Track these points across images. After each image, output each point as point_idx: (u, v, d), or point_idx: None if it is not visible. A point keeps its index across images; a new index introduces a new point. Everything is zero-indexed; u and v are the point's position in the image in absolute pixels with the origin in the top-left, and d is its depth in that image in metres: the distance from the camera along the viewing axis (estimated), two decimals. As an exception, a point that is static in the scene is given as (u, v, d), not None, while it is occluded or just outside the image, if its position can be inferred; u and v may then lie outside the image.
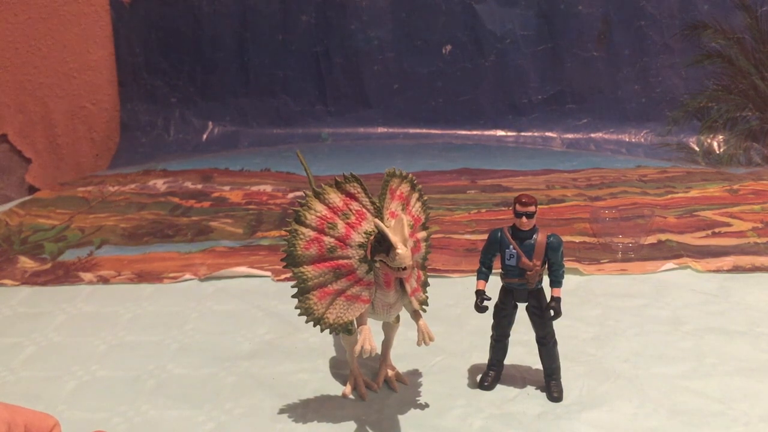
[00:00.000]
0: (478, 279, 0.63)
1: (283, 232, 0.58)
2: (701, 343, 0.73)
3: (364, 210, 0.57)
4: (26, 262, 0.99)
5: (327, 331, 0.58)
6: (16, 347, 0.76)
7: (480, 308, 0.62)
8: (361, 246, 0.56)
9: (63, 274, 0.95)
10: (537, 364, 0.66)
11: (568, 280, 0.66)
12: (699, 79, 1.54)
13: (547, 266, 0.62)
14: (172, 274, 0.93)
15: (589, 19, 1.55)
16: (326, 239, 0.56)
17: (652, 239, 0.99)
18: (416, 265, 0.60)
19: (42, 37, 1.61)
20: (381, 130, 1.62)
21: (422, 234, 0.61)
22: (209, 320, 0.82)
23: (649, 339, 0.74)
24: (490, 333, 0.66)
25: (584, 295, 0.85)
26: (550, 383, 0.65)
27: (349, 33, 1.60)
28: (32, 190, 1.61)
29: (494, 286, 0.64)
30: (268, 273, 0.92)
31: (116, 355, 0.75)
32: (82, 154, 1.68)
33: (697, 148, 1.51)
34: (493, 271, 0.63)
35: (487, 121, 1.60)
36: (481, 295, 0.62)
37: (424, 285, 0.62)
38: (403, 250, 0.52)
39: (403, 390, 0.67)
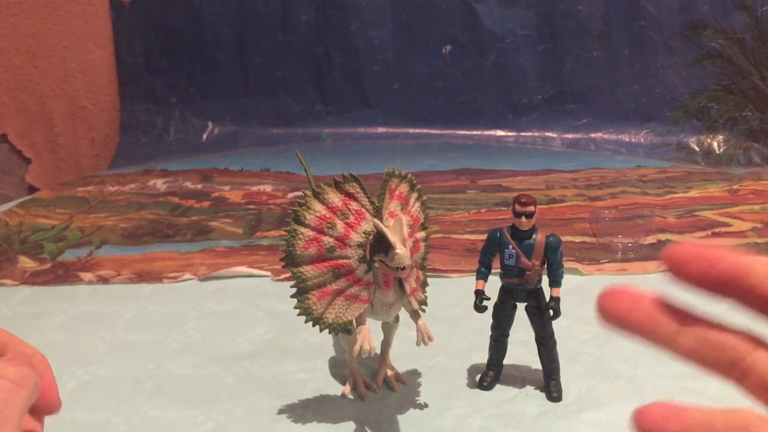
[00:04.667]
0: (477, 279, 0.63)
1: (283, 232, 0.58)
2: (701, 343, 0.73)
3: (363, 210, 0.57)
4: (26, 262, 0.99)
5: (326, 331, 0.58)
6: (15, 347, 0.76)
7: (479, 308, 0.62)
8: (360, 246, 0.56)
9: (63, 274, 0.95)
10: (536, 364, 0.66)
11: (568, 280, 0.66)
12: (699, 79, 1.54)
13: (546, 266, 0.62)
14: (171, 274, 0.93)
15: (589, 19, 1.55)
16: (325, 239, 0.56)
17: (652, 239, 0.99)
18: (415, 265, 0.60)
19: (42, 37, 1.61)
20: (381, 130, 1.62)
21: (421, 234, 0.61)
22: (209, 320, 0.82)
23: (648, 339, 0.74)
24: (490, 333, 0.66)
25: (584, 295, 0.85)
26: (550, 383, 0.65)
27: (349, 33, 1.60)
28: (32, 190, 1.61)
29: (494, 285, 0.64)
30: (268, 273, 0.92)
31: (116, 355, 0.75)
32: (82, 154, 1.68)
33: (697, 148, 1.51)
34: (493, 270, 0.63)
35: (487, 121, 1.60)
36: (480, 294, 0.62)
37: (423, 285, 0.62)
38: (401, 250, 0.52)
39: (403, 390, 0.67)
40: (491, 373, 0.67)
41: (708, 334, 0.30)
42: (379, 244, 0.54)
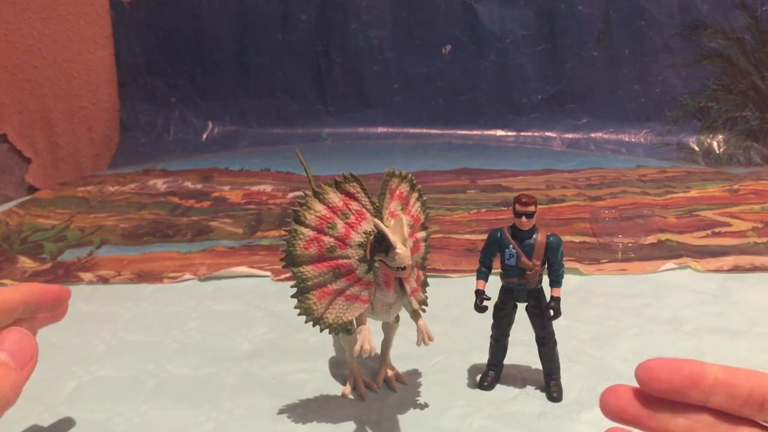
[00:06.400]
0: (477, 279, 0.63)
1: (283, 232, 0.58)
2: (701, 343, 0.73)
3: (364, 210, 0.57)
4: (26, 262, 0.99)
5: (326, 331, 0.58)
6: (15, 347, 0.76)
7: (479, 308, 0.62)
8: (360, 246, 0.56)
9: (63, 274, 0.95)
10: (537, 364, 0.66)
11: (568, 280, 0.66)
12: (699, 79, 1.54)
13: (546, 266, 0.62)
14: (171, 274, 0.93)
15: (589, 19, 1.55)
16: (326, 239, 0.56)
17: (652, 239, 0.99)
18: (416, 265, 0.60)
19: (42, 37, 1.61)
20: (381, 130, 1.62)
21: (422, 234, 0.61)
22: (209, 320, 0.82)
23: (649, 339, 0.74)
24: (490, 333, 0.66)
25: (584, 295, 0.85)
26: (550, 383, 0.65)
27: (349, 33, 1.60)
28: (32, 190, 1.61)
29: (494, 285, 0.64)
30: (268, 273, 0.92)
31: (116, 355, 0.75)
32: (82, 154, 1.68)
33: (697, 148, 1.51)
34: (493, 270, 0.63)
35: (487, 121, 1.60)
36: (480, 294, 0.62)
37: (424, 285, 0.62)
38: (402, 250, 0.52)
39: (403, 390, 0.67)
40: (491, 373, 0.67)
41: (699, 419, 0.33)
42: (380, 244, 0.54)
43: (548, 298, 0.62)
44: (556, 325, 0.63)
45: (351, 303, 0.57)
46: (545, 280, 0.63)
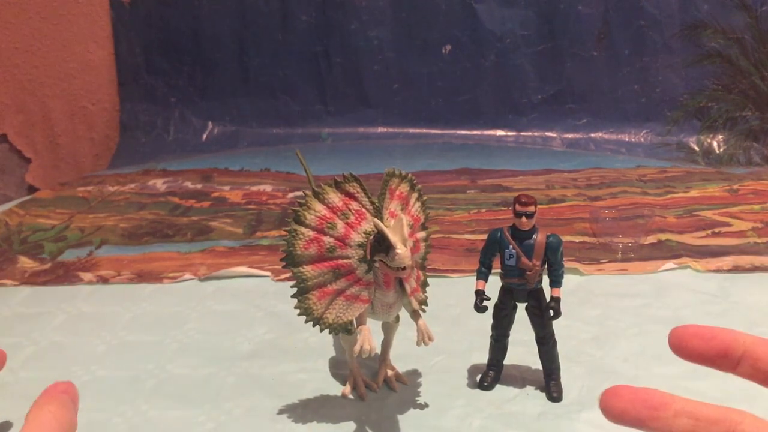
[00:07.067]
0: (477, 279, 0.63)
1: (283, 232, 0.58)
2: (701, 343, 0.73)
3: (364, 210, 0.57)
4: (26, 262, 0.99)
5: (326, 331, 0.58)
6: (15, 347, 0.76)
7: (479, 308, 0.62)
8: (360, 246, 0.56)
9: (63, 274, 0.95)
10: (537, 364, 0.66)
11: (568, 280, 0.66)
12: (699, 79, 1.54)
13: (546, 266, 0.62)
14: (171, 274, 0.93)
15: (589, 19, 1.55)
16: (326, 239, 0.56)
17: (652, 239, 0.99)
18: (416, 265, 0.60)
19: (42, 37, 1.61)
20: (381, 130, 1.62)
21: (422, 234, 0.61)
22: (209, 320, 0.82)
23: (649, 339, 0.74)
24: (490, 333, 0.66)
25: (584, 295, 0.85)
26: (550, 383, 0.65)
27: (349, 33, 1.60)
28: (32, 190, 1.61)
29: (494, 285, 0.64)
30: (268, 273, 0.92)
31: (116, 355, 0.75)
32: (82, 154, 1.68)
33: (697, 148, 1.51)
34: (493, 271, 0.63)
35: (487, 121, 1.60)
36: (480, 295, 0.62)
37: (424, 285, 0.62)
38: (402, 250, 0.52)
39: (403, 390, 0.67)
40: (491, 373, 0.67)
41: (699, 414, 0.33)
42: (380, 244, 0.54)
43: (548, 298, 0.62)
44: (556, 325, 0.63)
45: (351, 303, 0.57)
46: (545, 281, 0.63)
